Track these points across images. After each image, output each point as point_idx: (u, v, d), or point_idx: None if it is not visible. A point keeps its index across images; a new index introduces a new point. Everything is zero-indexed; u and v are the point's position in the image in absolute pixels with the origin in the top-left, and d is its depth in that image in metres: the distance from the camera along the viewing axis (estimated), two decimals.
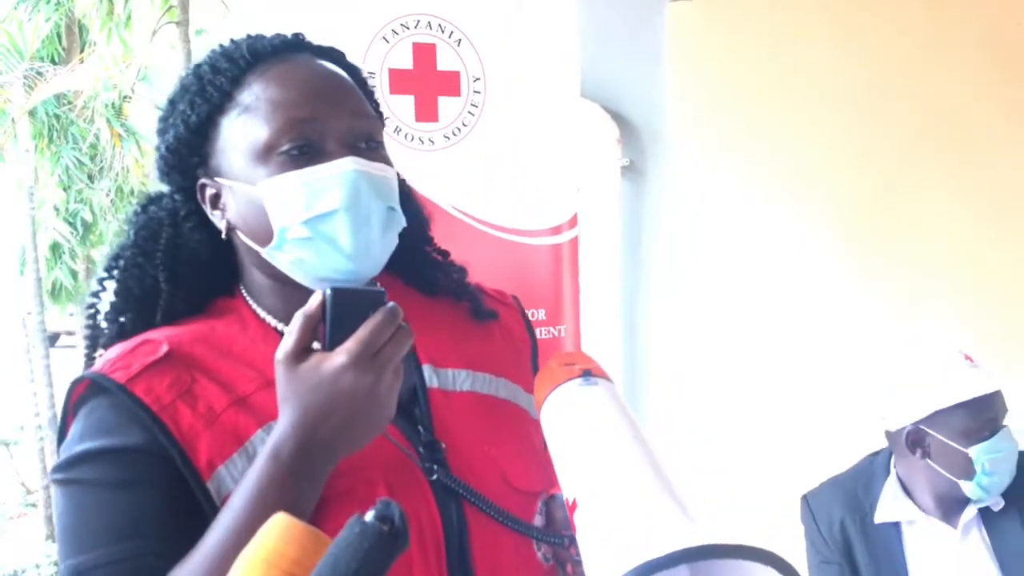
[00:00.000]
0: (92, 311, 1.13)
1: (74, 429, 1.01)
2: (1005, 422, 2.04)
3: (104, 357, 1.05)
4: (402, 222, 1.07)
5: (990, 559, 2.02)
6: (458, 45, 2.52)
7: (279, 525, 0.74)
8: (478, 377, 1.16)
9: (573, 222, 2.63)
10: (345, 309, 0.95)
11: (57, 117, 7.65)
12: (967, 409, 1.99)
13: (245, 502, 0.93)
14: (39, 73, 7.33)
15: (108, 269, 1.12)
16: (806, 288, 3.15)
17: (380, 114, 1.14)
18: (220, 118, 1.06)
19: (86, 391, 1.02)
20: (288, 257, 1.03)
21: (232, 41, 1.12)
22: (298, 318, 0.95)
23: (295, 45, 1.11)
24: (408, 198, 1.16)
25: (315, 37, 1.17)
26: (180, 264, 1.10)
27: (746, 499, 2.88)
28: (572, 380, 1.05)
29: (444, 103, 2.49)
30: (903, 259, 3.12)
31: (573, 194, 2.64)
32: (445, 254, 1.25)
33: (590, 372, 1.07)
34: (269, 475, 0.93)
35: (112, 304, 1.11)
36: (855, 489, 2.16)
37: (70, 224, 7.85)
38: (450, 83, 2.50)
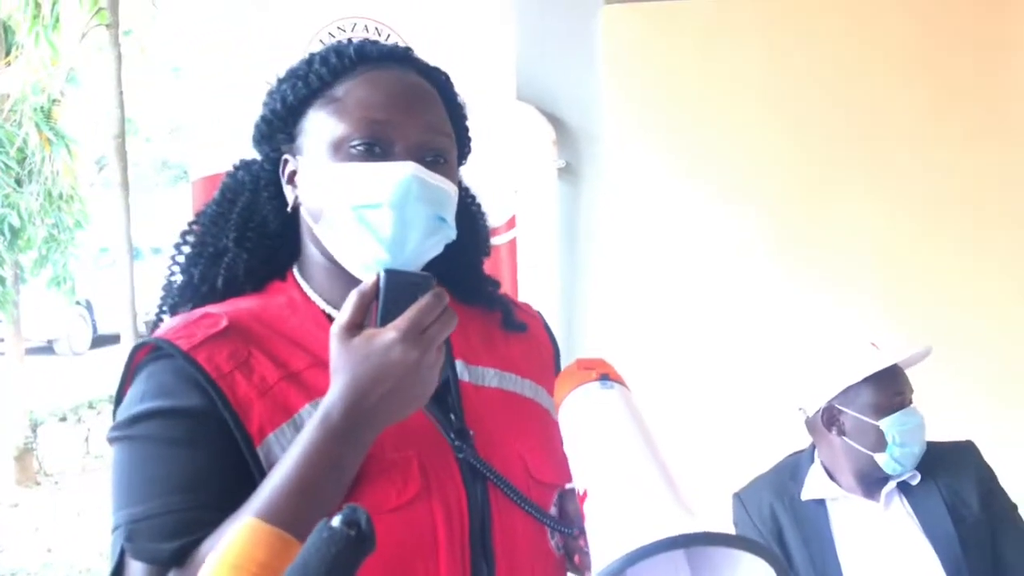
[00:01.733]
0: (171, 263, 1.22)
1: (135, 389, 1.09)
2: (911, 402, 2.17)
3: (167, 325, 1.12)
4: (451, 234, 1.15)
5: (915, 527, 2.13)
6: None
7: (248, 529, 0.76)
8: (505, 376, 1.24)
9: (511, 224, 2.66)
10: (396, 290, 1.04)
11: None
12: (875, 384, 2.15)
13: (295, 461, 1.00)
14: None
15: (190, 225, 1.22)
16: (737, 288, 3.22)
17: (468, 140, 1.27)
18: (313, 103, 1.16)
19: (149, 354, 1.09)
20: (334, 235, 1.11)
21: (347, 39, 1.22)
22: (353, 295, 1.03)
23: (402, 58, 1.20)
24: (472, 216, 1.32)
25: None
26: (249, 228, 1.19)
27: None
28: (591, 383, 1.15)
29: None
30: (829, 260, 3.20)
31: (511, 196, 2.67)
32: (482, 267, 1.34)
33: (607, 376, 1.16)
34: (318, 437, 1.01)
35: (187, 256, 1.21)
36: (783, 478, 2.28)
37: None
38: None
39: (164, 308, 1.21)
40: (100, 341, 12.52)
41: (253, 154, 1.25)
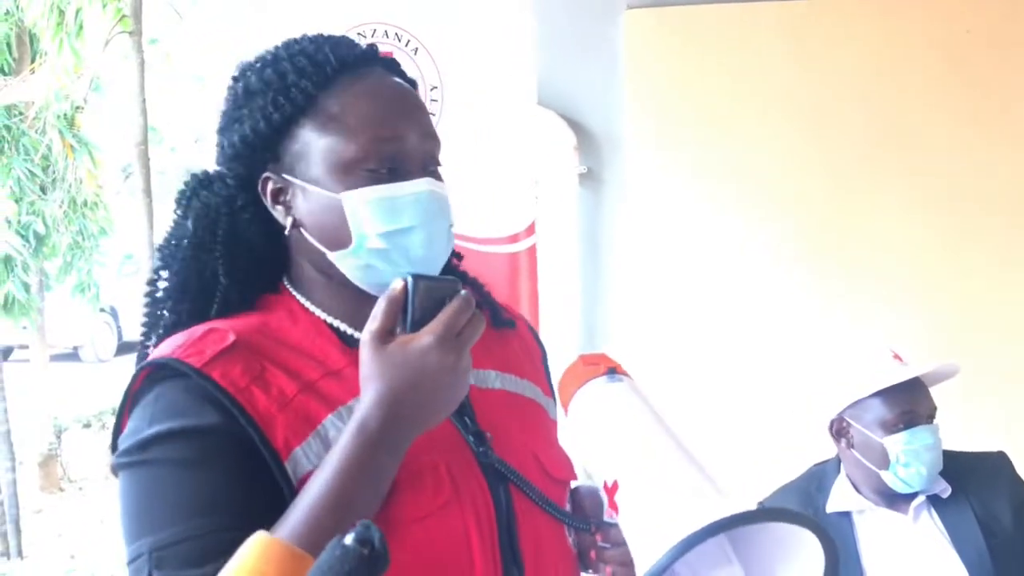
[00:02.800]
0: (150, 300, 1.16)
1: (141, 413, 1.04)
2: (930, 420, 2.11)
3: (167, 345, 1.08)
4: (453, 238, 1.15)
5: (945, 542, 2.08)
6: (415, 54, 2.52)
7: (258, 545, 0.74)
8: (506, 377, 1.23)
9: (531, 230, 2.64)
10: (425, 295, 1.03)
11: (8, 128, 7.53)
12: (883, 399, 2.10)
13: (334, 473, 0.98)
14: None
15: (165, 259, 1.16)
16: (762, 295, 3.18)
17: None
18: (303, 120, 1.11)
19: (151, 377, 1.06)
20: (359, 263, 1.09)
21: (311, 42, 1.16)
22: (383, 302, 1.03)
23: (374, 58, 1.16)
24: None
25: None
26: (237, 256, 1.14)
27: None
28: (599, 377, 1.17)
29: None
30: (857, 266, 3.16)
31: (531, 202, 2.65)
32: (459, 257, 1.31)
33: (614, 370, 1.18)
34: (356, 447, 0.99)
35: (170, 294, 1.15)
36: (808, 488, 2.24)
37: (22, 236, 7.72)
38: None
39: (150, 338, 1.15)
40: (125, 348, 12.61)
41: None
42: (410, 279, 1.03)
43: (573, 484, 1.24)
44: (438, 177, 1.13)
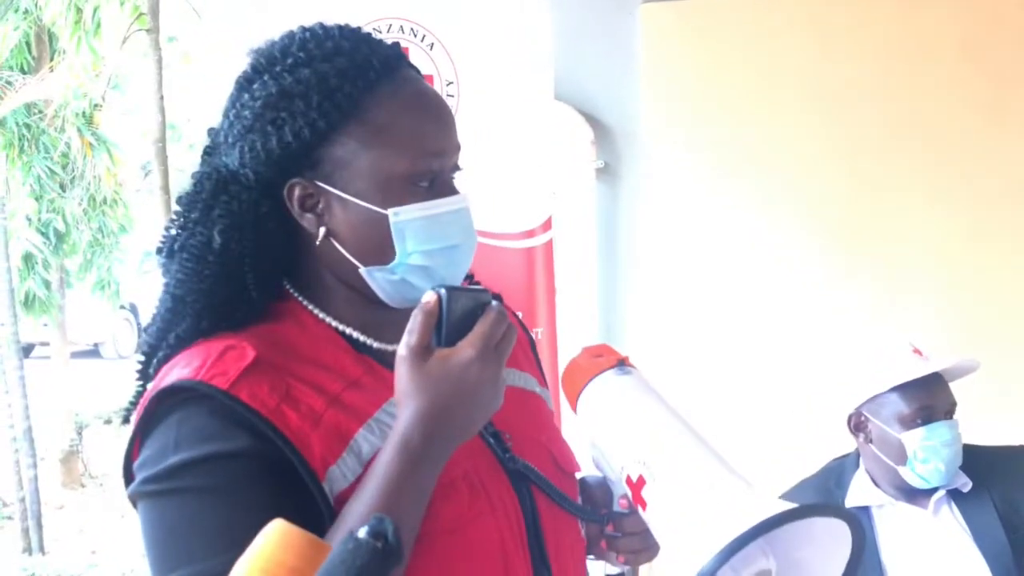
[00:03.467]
0: (162, 311, 1.09)
1: (162, 438, 1.00)
2: (949, 416, 2.09)
3: (182, 366, 1.02)
4: None
5: (966, 536, 2.06)
6: (431, 49, 2.52)
7: (277, 532, 0.74)
8: (510, 372, 1.19)
9: (547, 225, 2.63)
10: (458, 308, 1.02)
11: (28, 126, 7.57)
12: (903, 395, 2.08)
13: (378, 491, 0.97)
14: (8, 82, 7.25)
15: (188, 272, 1.07)
16: (782, 290, 3.16)
17: None
18: (348, 128, 1.06)
19: (169, 400, 1.01)
20: (394, 278, 1.07)
21: (345, 38, 1.10)
22: (418, 316, 1.00)
23: (402, 57, 1.13)
24: None
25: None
26: (266, 267, 1.09)
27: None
28: (608, 370, 1.16)
29: None
30: (879, 261, 3.13)
31: (547, 197, 2.64)
32: None
33: (623, 362, 1.17)
34: (401, 463, 0.98)
35: (193, 309, 1.07)
36: (827, 483, 2.23)
37: (43, 234, 7.77)
38: None
39: (156, 356, 1.08)
40: None
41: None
42: (444, 292, 1.02)
43: (578, 475, 1.25)
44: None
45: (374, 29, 2.46)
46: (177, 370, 1.03)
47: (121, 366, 12.02)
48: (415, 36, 2.50)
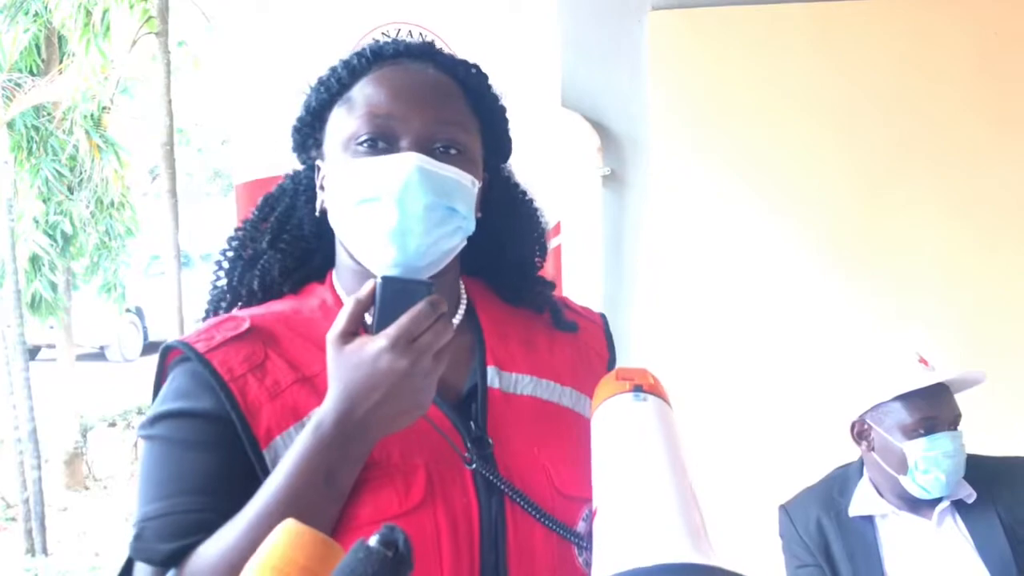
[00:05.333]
0: (217, 270, 1.24)
1: (164, 390, 1.11)
2: (953, 427, 2.08)
3: (197, 327, 1.15)
4: (467, 226, 1.13)
5: (969, 547, 2.05)
6: None
7: (289, 532, 0.74)
8: (541, 383, 1.20)
9: (556, 231, 2.63)
10: (393, 297, 1.02)
11: (36, 129, 7.60)
12: (904, 403, 2.08)
13: (287, 469, 1.01)
14: (17, 84, 7.28)
15: (236, 230, 1.24)
16: (788, 298, 3.16)
17: (505, 135, 1.27)
18: (333, 108, 1.16)
19: (176, 358, 1.12)
20: (347, 236, 1.13)
21: (374, 40, 1.22)
22: (350, 302, 1.03)
23: (419, 53, 1.19)
24: (518, 213, 1.28)
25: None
26: (284, 232, 1.21)
27: (725, 507, 2.87)
28: (623, 394, 1.09)
29: None
30: (885, 268, 3.13)
31: (556, 203, 2.64)
32: (536, 267, 1.31)
33: (641, 388, 1.09)
34: (310, 445, 1.01)
35: (229, 260, 1.23)
36: (830, 492, 2.21)
37: (50, 236, 7.79)
38: None
39: (208, 311, 1.23)
40: (151, 348, 12.67)
41: (293, 158, 1.25)
42: (379, 280, 1.03)
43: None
44: (449, 160, 1.12)
45: (382, 33, 2.48)
46: (188, 333, 1.15)
47: (126, 369, 12.05)
48: (422, 40, 2.50)
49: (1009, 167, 3.06)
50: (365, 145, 1.11)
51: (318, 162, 1.19)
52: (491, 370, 1.18)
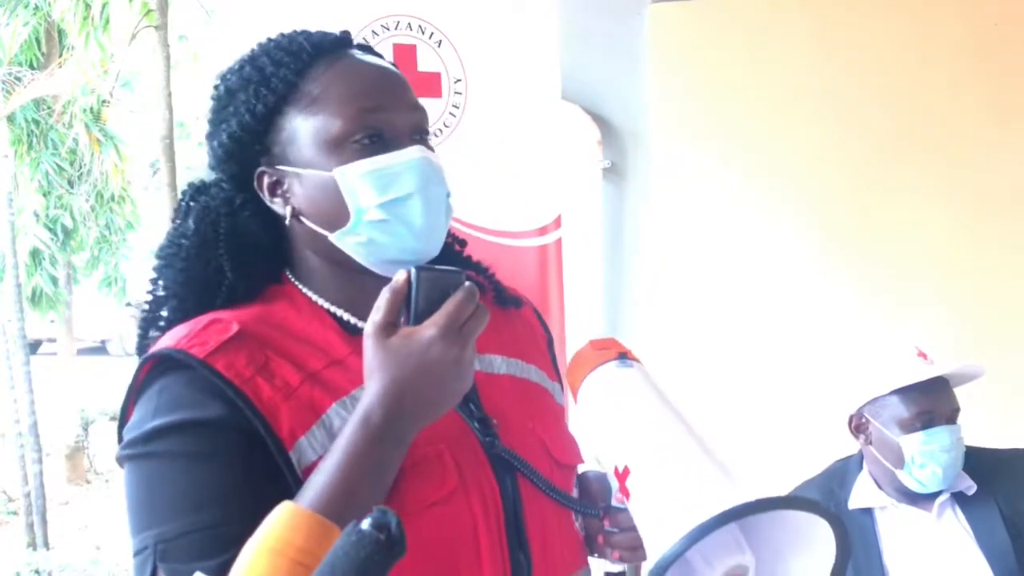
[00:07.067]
0: (151, 299, 1.17)
1: (144, 407, 1.04)
2: (951, 421, 2.08)
3: (169, 336, 1.07)
4: (452, 208, 1.14)
5: (969, 539, 2.05)
6: (438, 47, 2.52)
7: (286, 514, 0.74)
8: (511, 362, 1.23)
9: (558, 223, 2.63)
10: (429, 287, 1.01)
11: (36, 122, 7.60)
12: (901, 398, 2.08)
13: (337, 464, 0.98)
14: (17, 78, 7.28)
15: (168, 258, 1.15)
16: (787, 289, 3.16)
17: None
18: (287, 108, 1.12)
19: (155, 369, 1.05)
20: (360, 239, 1.10)
21: (284, 36, 1.18)
22: (386, 293, 1.01)
23: (346, 42, 1.18)
24: None
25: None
26: (243, 251, 1.14)
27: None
28: (609, 362, 1.16)
29: (425, 105, 2.48)
30: (884, 261, 3.12)
31: (557, 195, 2.64)
32: (463, 244, 1.31)
33: (625, 355, 1.17)
34: (360, 439, 0.99)
35: (175, 291, 1.14)
36: (830, 484, 2.22)
37: (50, 230, 7.79)
38: (431, 85, 2.49)
39: (148, 338, 1.14)
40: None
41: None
42: (413, 271, 1.02)
43: (581, 469, 1.24)
44: (428, 146, 1.13)
45: (382, 26, 2.47)
46: (164, 340, 1.07)
47: (127, 363, 12.05)
48: (423, 33, 2.50)
49: (1009, 158, 3.06)
50: (365, 143, 1.09)
51: (264, 170, 1.14)
52: None
